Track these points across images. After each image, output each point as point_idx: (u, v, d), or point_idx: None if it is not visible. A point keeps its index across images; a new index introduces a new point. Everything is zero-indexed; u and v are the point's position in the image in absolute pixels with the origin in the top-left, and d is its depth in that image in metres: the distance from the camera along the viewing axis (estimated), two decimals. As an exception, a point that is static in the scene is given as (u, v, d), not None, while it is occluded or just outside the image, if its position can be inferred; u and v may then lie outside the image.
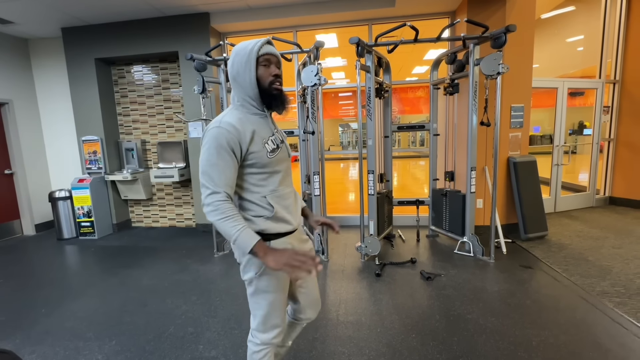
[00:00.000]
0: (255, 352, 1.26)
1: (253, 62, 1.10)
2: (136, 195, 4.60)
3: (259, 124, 1.14)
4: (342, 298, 2.48)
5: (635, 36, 4.55)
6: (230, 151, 1.05)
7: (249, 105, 1.15)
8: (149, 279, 3.00)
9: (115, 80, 4.62)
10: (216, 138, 1.04)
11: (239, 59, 1.11)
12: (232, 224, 1.02)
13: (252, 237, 1.03)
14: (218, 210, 1.02)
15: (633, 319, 2.06)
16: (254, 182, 1.14)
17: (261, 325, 1.23)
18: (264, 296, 1.18)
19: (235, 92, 1.15)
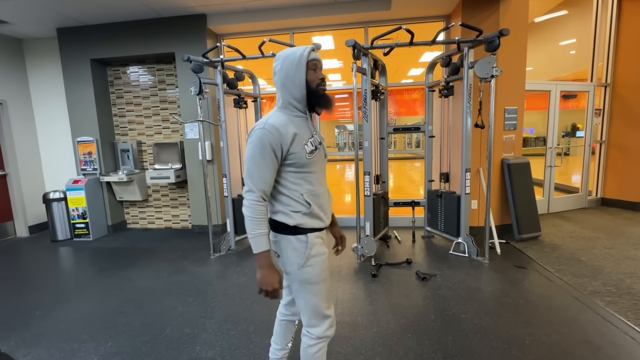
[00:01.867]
0: (310, 345, 1.30)
1: (303, 66, 1.18)
2: (132, 196, 4.57)
3: (300, 125, 1.21)
4: (338, 298, 2.50)
5: (625, 40, 4.64)
6: (272, 152, 1.14)
7: (292, 107, 1.22)
8: (144, 280, 2.99)
9: (111, 81, 4.61)
10: (261, 139, 1.13)
11: (288, 62, 1.18)
12: (255, 226, 1.15)
13: (263, 245, 1.16)
14: (250, 209, 1.15)
15: (623, 318, 2.10)
16: (293, 180, 1.21)
17: (312, 319, 1.27)
18: (308, 288, 1.24)
19: (280, 95, 1.23)
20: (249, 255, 3.50)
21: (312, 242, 1.22)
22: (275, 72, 1.22)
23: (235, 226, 3.69)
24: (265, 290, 1.17)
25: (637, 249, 3.26)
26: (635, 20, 4.51)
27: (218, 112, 3.48)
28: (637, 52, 4.52)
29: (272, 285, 1.16)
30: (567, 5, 4.98)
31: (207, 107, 4.11)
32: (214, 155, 4.22)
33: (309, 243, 1.22)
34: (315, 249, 1.23)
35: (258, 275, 1.18)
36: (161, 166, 4.43)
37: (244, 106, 3.81)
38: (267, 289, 1.17)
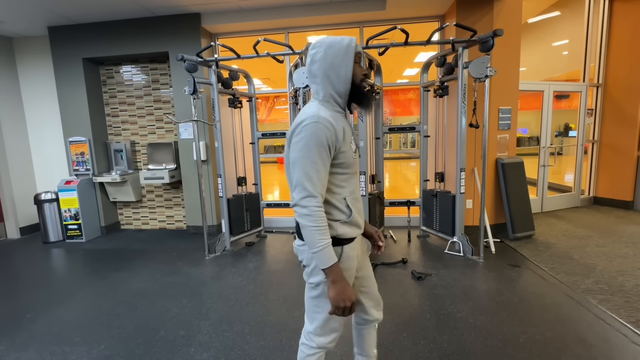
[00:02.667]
0: (308, 355, 1.22)
1: (351, 58, 1.06)
2: (125, 197, 4.53)
3: (344, 122, 1.11)
4: (334, 299, 2.49)
5: (616, 42, 4.71)
6: (327, 149, 1.01)
7: (334, 102, 1.10)
8: (138, 282, 2.95)
9: (104, 80, 4.55)
10: (316, 134, 0.99)
11: (333, 51, 1.06)
12: (321, 237, 1.00)
13: (332, 257, 1.01)
14: (312, 217, 0.99)
15: (615, 315, 2.12)
16: (337, 182, 1.10)
17: (319, 328, 1.19)
18: (328, 301, 1.09)
19: (321, 87, 1.09)
20: (244, 256, 3.48)
21: (345, 255, 1.11)
22: (314, 61, 1.08)
23: (230, 227, 3.66)
24: (343, 306, 1.01)
25: (629, 246, 3.31)
26: (626, 21, 4.58)
27: (212, 112, 3.45)
28: (628, 53, 4.58)
29: (350, 300, 1.01)
30: (560, 6, 5.03)
31: (202, 107, 4.08)
32: (209, 155, 4.19)
33: (343, 257, 1.10)
34: (347, 263, 1.11)
35: (332, 293, 1.01)
36: (155, 166, 4.39)
37: (239, 106, 3.79)
38: (346, 304, 1.01)
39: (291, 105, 3.84)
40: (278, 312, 2.33)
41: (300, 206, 1.00)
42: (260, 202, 4.11)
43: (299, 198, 1.00)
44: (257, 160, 4.11)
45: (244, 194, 3.88)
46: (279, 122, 13.18)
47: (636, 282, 2.55)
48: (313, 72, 1.10)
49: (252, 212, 3.97)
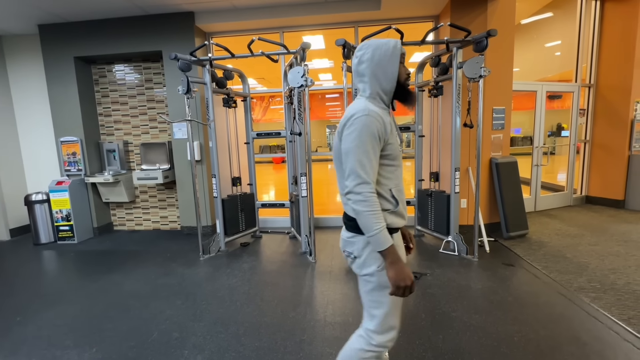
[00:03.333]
0: (366, 351, 1.21)
1: (397, 58, 1.14)
2: (118, 197, 4.47)
3: (389, 117, 1.18)
4: (329, 299, 2.48)
5: (608, 42, 4.77)
6: (378, 140, 1.09)
7: (379, 99, 1.17)
8: (131, 283, 2.92)
9: (96, 79, 4.49)
10: (368, 126, 1.07)
11: (381, 52, 1.13)
12: (376, 220, 1.05)
13: (389, 239, 1.06)
14: (367, 202, 1.05)
15: (607, 313, 2.15)
16: (385, 174, 1.16)
17: (380, 325, 1.19)
18: (385, 292, 1.15)
19: (368, 85, 1.16)
20: (239, 257, 3.46)
21: (394, 244, 1.11)
22: (362, 61, 1.16)
23: (225, 227, 3.64)
24: (404, 285, 1.05)
25: (620, 245, 3.35)
26: (617, 22, 4.64)
27: (207, 112, 3.42)
28: (618, 53, 4.65)
29: (410, 278, 1.05)
30: (553, 8, 5.09)
31: (196, 107, 4.04)
32: (203, 155, 4.16)
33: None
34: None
35: (392, 273, 1.05)
36: (148, 167, 4.34)
37: (233, 105, 3.76)
38: (406, 283, 1.04)
39: (286, 105, 3.83)
40: (273, 313, 2.32)
41: (355, 193, 1.06)
42: (255, 202, 4.09)
43: (353, 185, 1.07)
44: (252, 160, 4.08)
45: (239, 194, 3.85)
46: (274, 121, 13.14)
47: (627, 280, 2.58)
48: (361, 72, 1.17)
49: (247, 213, 3.94)
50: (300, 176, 3.33)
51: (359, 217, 1.07)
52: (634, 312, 2.15)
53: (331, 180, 9.72)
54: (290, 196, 4.04)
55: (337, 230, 4.32)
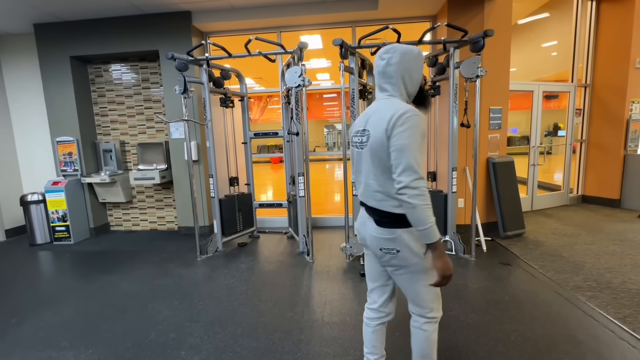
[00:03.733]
0: (431, 331, 1.35)
1: (422, 64, 1.26)
2: (115, 198, 4.45)
3: None
4: (327, 299, 2.48)
5: (603, 43, 4.80)
6: (424, 139, 1.19)
7: (405, 102, 1.26)
8: (128, 284, 2.90)
9: (92, 79, 4.46)
10: (419, 126, 1.14)
11: (409, 57, 1.22)
12: (430, 214, 1.10)
13: (437, 232, 1.13)
14: (424, 196, 1.10)
15: (603, 312, 2.16)
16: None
17: (433, 302, 1.33)
18: (430, 274, 1.24)
19: (396, 87, 1.24)
20: (236, 257, 3.45)
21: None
22: (390, 63, 1.21)
23: (222, 227, 3.63)
24: (449, 275, 1.15)
25: (616, 244, 3.37)
26: (613, 23, 4.67)
27: (204, 111, 3.41)
28: (614, 54, 4.68)
29: (452, 269, 1.15)
30: (549, 8, 5.11)
31: (193, 106, 4.03)
32: (200, 155, 4.14)
33: None
34: None
35: (440, 264, 1.13)
36: (145, 167, 4.33)
37: (231, 105, 3.75)
38: (451, 273, 1.15)
39: (283, 104, 3.82)
40: (270, 313, 2.31)
41: (412, 187, 1.10)
42: (253, 202, 4.08)
43: (410, 180, 1.10)
44: (250, 160, 4.08)
45: (236, 194, 3.85)
46: (272, 121, 13.08)
47: (623, 279, 2.60)
48: (389, 74, 1.24)
49: (244, 213, 3.94)
50: (297, 176, 3.33)
51: (414, 211, 1.10)
52: (630, 310, 2.17)
53: (329, 180, 9.73)
54: (287, 196, 4.04)
55: (334, 230, 4.32)
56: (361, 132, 1.30)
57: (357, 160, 1.36)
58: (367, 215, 1.33)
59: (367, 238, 1.34)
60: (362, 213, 1.39)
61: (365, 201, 1.33)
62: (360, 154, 1.31)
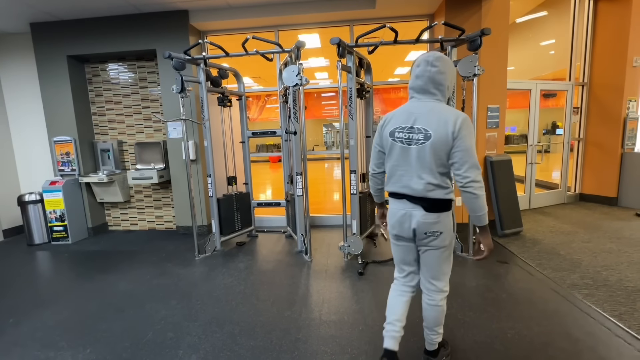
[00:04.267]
0: (444, 303, 1.62)
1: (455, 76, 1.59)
2: (113, 197, 4.44)
3: None
4: (325, 298, 2.49)
5: (601, 41, 4.81)
6: None
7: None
8: (126, 284, 2.90)
9: (90, 78, 4.45)
10: (472, 127, 1.42)
11: (452, 67, 1.49)
12: (485, 203, 1.39)
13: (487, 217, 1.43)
14: (483, 188, 1.38)
15: (600, 309, 2.17)
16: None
17: (447, 277, 1.61)
18: (452, 253, 1.59)
19: (443, 94, 1.47)
20: (234, 256, 3.45)
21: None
22: (442, 72, 1.42)
23: (220, 227, 3.63)
24: (491, 249, 1.45)
25: (613, 242, 3.39)
26: (610, 22, 4.68)
27: (201, 111, 3.41)
28: (611, 52, 4.69)
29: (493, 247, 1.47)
30: (547, 7, 5.11)
31: (190, 106, 4.02)
32: (198, 154, 4.14)
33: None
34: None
35: (488, 241, 1.44)
36: (143, 166, 4.32)
37: (228, 104, 3.75)
38: (492, 248, 1.46)
39: (281, 103, 3.82)
40: (269, 312, 2.32)
41: (477, 181, 1.35)
42: (251, 201, 4.08)
43: (476, 175, 1.36)
44: (248, 159, 4.07)
45: (234, 194, 3.85)
46: (270, 120, 13.08)
47: (620, 277, 2.61)
48: (439, 80, 1.42)
49: (242, 212, 3.94)
50: (295, 175, 3.33)
51: (477, 200, 1.37)
52: (625, 307, 2.18)
53: (328, 179, 9.73)
54: (286, 195, 4.04)
55: (333, 229, 4.33)
56: (409, 130, 1.44)
57: (399, 155, 1.48)
58: (412, 205, 1.48)
59: (413, 225, 1.49)
60: (401, 205, 1.52)
61: (408, 192, 1.48)
62: (408, 150, 1.44)
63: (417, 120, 1.41)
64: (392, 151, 1.50)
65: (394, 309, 1.67)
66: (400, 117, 1.47)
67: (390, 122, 1.50)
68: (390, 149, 1.50)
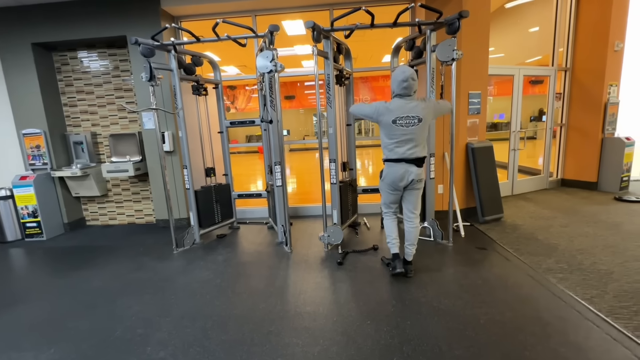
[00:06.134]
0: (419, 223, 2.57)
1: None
2: (89, 191, 4.30)
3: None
4: (302, 289, 2.46)
5: (583, 27, 4.78)
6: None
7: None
8: (101, 280, 2.82)
9: (58, 67, 4.24)
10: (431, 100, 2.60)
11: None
12: None
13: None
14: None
15: (572, 293, 2.19)
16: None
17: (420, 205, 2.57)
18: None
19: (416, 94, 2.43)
20: (214, 249, 3.39)
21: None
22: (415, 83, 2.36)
23: (199, 219, 3.55)
24: None
25: (590, 226, 3.43)
26: (593, 7, 4.64)
27: (174, 100, 3.28)
28: (593, 38, 4.67)
29: None
30: (531, -10, 5.04)
31: (163, 95, 3.87)
32: (175, 145, 4.01)
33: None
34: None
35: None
36: (119, 159, 4.18)
37: (204, 93, 3.62)
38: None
39: (259, 91, 3.71)
40: (243, 305, 2.28)
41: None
42: (232, 193, 4.00)
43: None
44: (227, 150, 3.97)
45: (213, 185, 3.75)
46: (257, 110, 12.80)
47: (594, 260, 2.65)
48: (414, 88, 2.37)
49: (222, 204, 3.85)
50: (274, 165, 3.25)
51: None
52: (597, 291, 2.20)
53: (316, 169, 9.66)
54: (267, 186, 3.96)
55: (316, 219, 4.29)
56: (409, 117, 2.30)
57: (404, 133, 2.33)
58: (408, 165, 2.37)
59: (410, 178, 2.38)
60: (401, 166, 2.38)
61: (412, 156, 2.36)
62: (412, 129, 2.32)
63: (412, 111, 2.31)
64: (395, 132, 2.34)
65: (391, 230, 2.59)
66: (396, 110, 2.33)
67: (389, 113, 2.33)
68: (393, 130, 2.34)
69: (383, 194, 2.58)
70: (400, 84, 2.30)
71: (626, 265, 2.54)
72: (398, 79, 2.31)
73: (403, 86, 2.29)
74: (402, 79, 2.29)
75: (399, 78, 2.30)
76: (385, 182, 2.48)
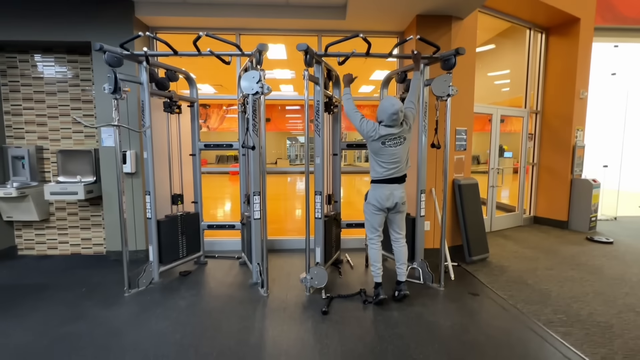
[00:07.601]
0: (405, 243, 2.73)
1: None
2: (25, 216, 3.62)
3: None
4: (282, 348, 2.06)
5: (552, 73, 5.11)
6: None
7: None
8: (23, 334, 2.22)
9: (3, 70, 3.67)
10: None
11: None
12: None
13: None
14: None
15: (580, 352, 2.01)
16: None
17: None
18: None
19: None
20: (175, 291, 2.89)
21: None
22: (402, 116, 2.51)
23: (160, 254, 3.05)
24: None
25: (573, 269, 3.40)
26: (560, 55, 4.99)
27: (142, 116, 2.87)
28: (561, 84, 4.98)
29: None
30: (504, 37, 5.34)
31: (127, 110, 3.44)
32: (139, 167, 3.54)
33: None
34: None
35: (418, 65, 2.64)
36: (67, 178, 3.59)
37: (177, 111, 3.25)
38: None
39: (240, 113, 3.41)
40: (210, 372, 1.84)
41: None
42: (200, 223, 3.54)
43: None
44: (198, 175, 3.56)
45: (180, 214, 3.30)
46: (232, 131, 12.41)
47: (589, 310, 2.53)
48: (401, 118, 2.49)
49: (189, 236, 3.38)
50: (253, 195, 2.91)
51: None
52: (604, 349, 2.05)
53: (290, 195, 9.31)
54: (241, 217, 3.57)
55: (294, 253, 3.92)
56: (395, 137, 2.47)
57: (393, 153, 2.48)
58: (397, 185, 2.54)
59: (395, 200, 2.52)
60: (389, 186, 2.53)
61: (397, 174, 2.53)
62: (399, 149, 2.49)
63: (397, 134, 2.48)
64: (384, 152, 2.49)
65: (376, 258, 2.64)
66: (384, 131, 2.46)
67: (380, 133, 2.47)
68: (382, 150, 2.49)
69: (368, 216, 2.64)
70: (391, 116, 2.39)
71: (622, 317, 2.44)
72: (388, 112, 2.39)
73: (393, 118, 2.40)
74: (392, 112, 2.38)
75: (389, 111, 2.39)
76: (371, 202, 2.57)
